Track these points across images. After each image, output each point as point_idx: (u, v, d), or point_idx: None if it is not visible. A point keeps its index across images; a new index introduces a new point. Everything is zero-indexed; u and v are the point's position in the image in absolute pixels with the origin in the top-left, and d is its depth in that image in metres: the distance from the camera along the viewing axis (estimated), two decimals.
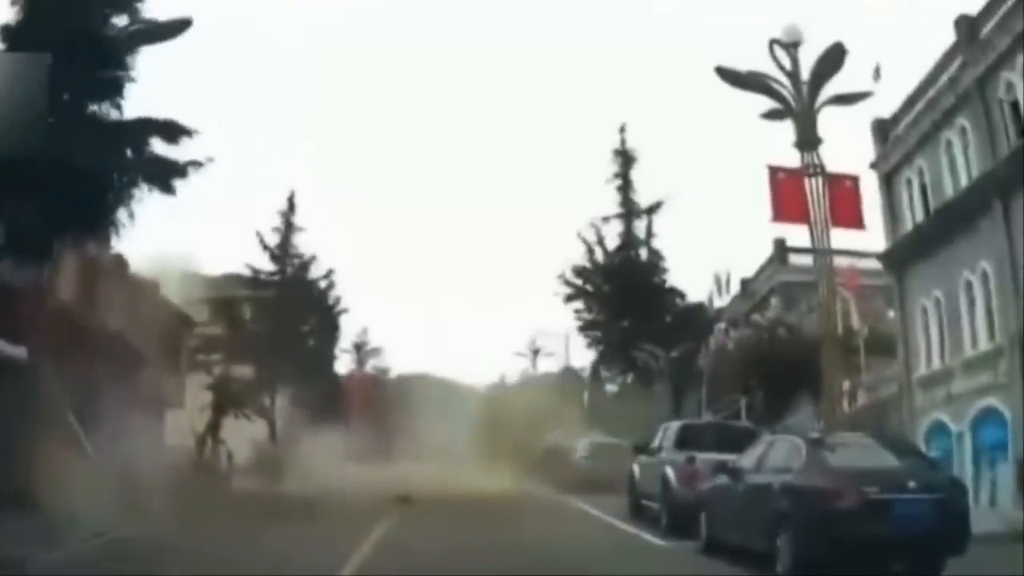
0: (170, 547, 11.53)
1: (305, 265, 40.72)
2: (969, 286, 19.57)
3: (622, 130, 51.21)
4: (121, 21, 16.09)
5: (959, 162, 20.27)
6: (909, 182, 22.83)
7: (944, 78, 20.38)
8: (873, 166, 23.91)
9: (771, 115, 17.29)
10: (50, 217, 14.48)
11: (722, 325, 35.00)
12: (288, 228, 40.36)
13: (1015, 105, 17.82)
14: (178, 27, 15.76)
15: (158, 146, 16.05)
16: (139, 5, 16.15)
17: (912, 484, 9.44)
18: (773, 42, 17.11)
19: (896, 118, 23.32)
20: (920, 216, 22.32)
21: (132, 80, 15.97)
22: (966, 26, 19.35)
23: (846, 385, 21.75)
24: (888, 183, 23.72)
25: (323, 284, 41.45)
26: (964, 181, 19.89)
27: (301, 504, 17.92)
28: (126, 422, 25.07)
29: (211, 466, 22.64)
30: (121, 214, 15.90)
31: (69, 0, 14.94)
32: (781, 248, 34.71)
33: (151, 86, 17.43)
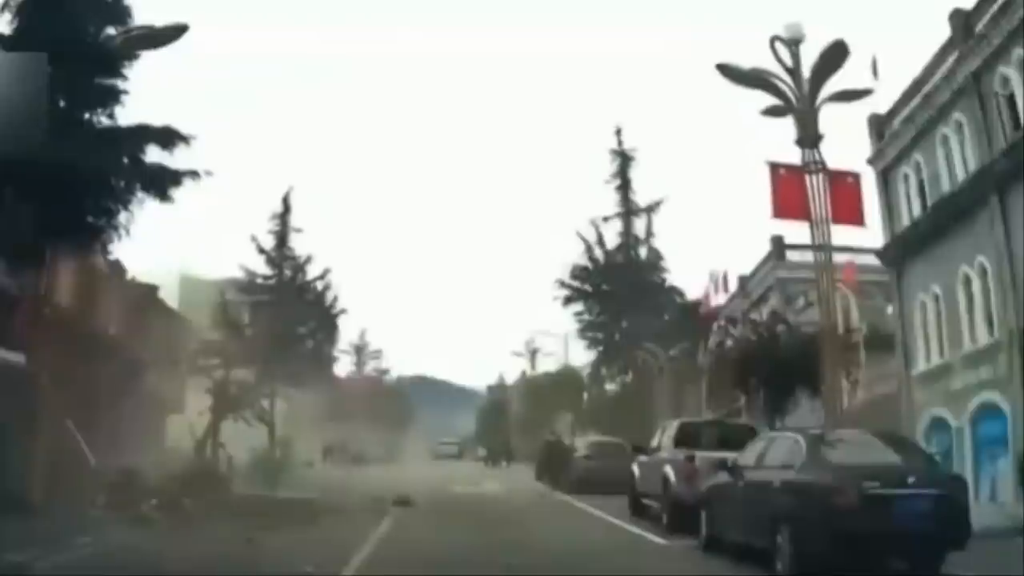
0: (171, 551, 11.53)
1: (301, 267, 40.59)
2: (967, 281, 19.56)
3: (618, 132, 51.40)
4: (114, 31, 16.08)
5: (956, 157, 20.25)
6: (906, 177, 22.82)
7: (939, 73, 20.36)
8: (870, 162, 23.91)
9: (772, 112, 17.30)
10: (47, 223, 14.44)
11: (721, 322, 34.95)
12: (284, 228, 40.19)
13: (1011, 99, 17.82)
14: (175, 33, 15.73)
15: (155, 153, 16.01)
16: (132, 14, 16.15)
17: (912, 480, 9.47)
18: (774, 39, 17.12)
19: (892, 114, 23.31)
20: (917, 211, 22.31)
21: (126, 92, 15.96)
22: (961, 20, 19.34)
23: (845, 384, 21.72)
24: (885, 179, 23.71)
25: (320, 286, 41.33)
26: (961, 176, 19.87)
27: (301, 507, 17.93)
28: (126, 427, 25.15)
29: (211, 470, 22.57)
30: (119, 220, 15.85)
31: (63, 10, 14.92)
32: (779, 245, 34.71)
33: (150, 90, 17.42)
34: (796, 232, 25.61)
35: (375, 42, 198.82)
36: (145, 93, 16.79)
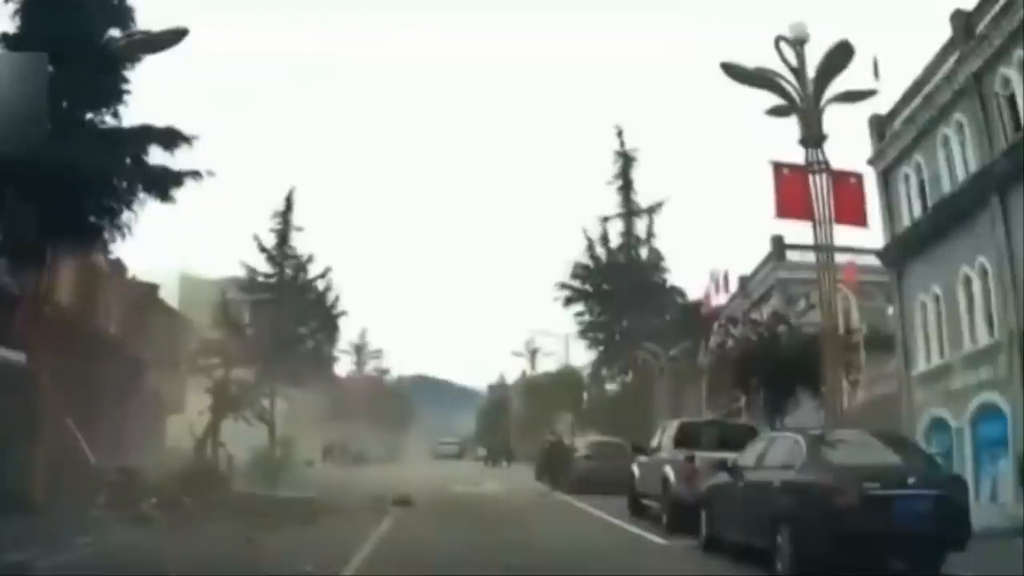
0: (171, 550, 11.53)
1: (303, 266, 40.61)
2: (968, 281, 19.57)
3: (619, 133, 51.34)
4: (117, 32, 16.10)
5: (956, 158, 20.26)
6: (907, 178, 22.83)
7: (940, 74, 20.37)
8: (870, 162, 23.91)
9: (776, 111, 17.29)
10: (49, 223, 14.46)
11: (722, 322, 34.98)
12: (286, 227, 40.20)
13: (1012, 100, 17.81)
14: (174, 37, 15.75)
15: (158, 153, 16.02)
16: (135, 16, 16.17)
17: (912, 480, 9.46)
18: (779, 39, 17.11)
19: (893, 114, 23.31)
20: (918, 212, 22.31)
21: (128, 92, 15.99)
22: (962, 21, 19.33)
23: (845, 384, 21.75)
24: (886, 179, 23.72)
25: (321, 285, 41.37)
26: (961, 176, 19.88)
27: (301, 506, 17.93)
28: (126, 426, 25.17)
29: (211, 469, 22.59)
30: (120, 220, 15.87)
31: (66, 11, 14.94)
32: (779, 245, 34.71)
33: (151, 90, 17.44)
34: (796, 232, 25.69)
35: (374, 42, 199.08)
36: (146, 93, 16.85)
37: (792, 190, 17.15)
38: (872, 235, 23.26)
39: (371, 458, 56.78)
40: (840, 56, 16.66)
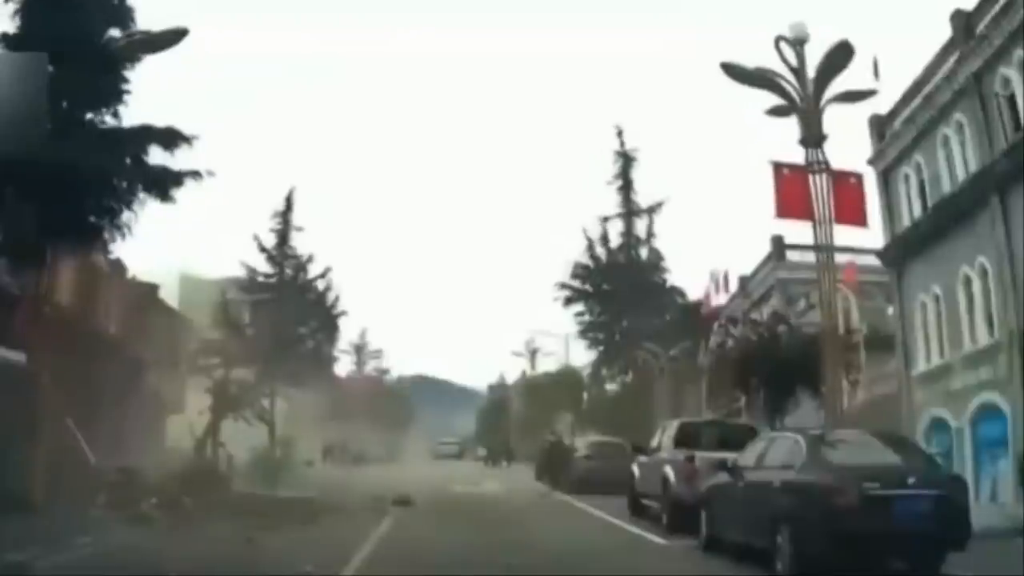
0: (171, 550, 11.53)
1: (303, 266, 40.61)
2: (968, 281, 19.57)
3: (619, 133, 51.33)
4: (117, 32, 16.10)
5: (956, 157, 20.26)
6: (907, 178, 22.83)
7: (940, 74, 20.36)
8: (870, 162, 23.90)
9: (776, 111, 17.29)
10: (49, 222, 14.46)
11: (722, 322, 34.95)
12: (286, 227, 40.20)
13: (1012, 100, 17.81)
14: (174, 37, 15.75)
15: (158, 153, 16.02)
16: (135, 16, 16.18)
17: (912, 480, 9.47)
18: (779, 39, 17.10)
19: (893, 114, 23.30)
20: (918, 212, 22.31)
21: (128, 92, 15.99)
22: (962, 21, 19.33)
23: (845, 384, 21.75)
24: (886, 179, 23.72)
25: (321, 285, 41.36)
26: (962, 176, 19.87)
27: (301, 506, 17.93)
28: (126, 426, 25.17)
29: (211, 469, 22.60)
30: (120, 220, 15.88)
31: (66, 11, 14.95)
32: (779, 245, 34.70)
33: (151, 90, 17.43)
34: (796, 232, 25.69)
35: (375, 42, 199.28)
36: (146, 93, 16.85)
37: (792, 190, 17.16)
38: (872, 235, 23.28)
39: (371, 458, 56.78)
40: (840, 56, 16.65)
